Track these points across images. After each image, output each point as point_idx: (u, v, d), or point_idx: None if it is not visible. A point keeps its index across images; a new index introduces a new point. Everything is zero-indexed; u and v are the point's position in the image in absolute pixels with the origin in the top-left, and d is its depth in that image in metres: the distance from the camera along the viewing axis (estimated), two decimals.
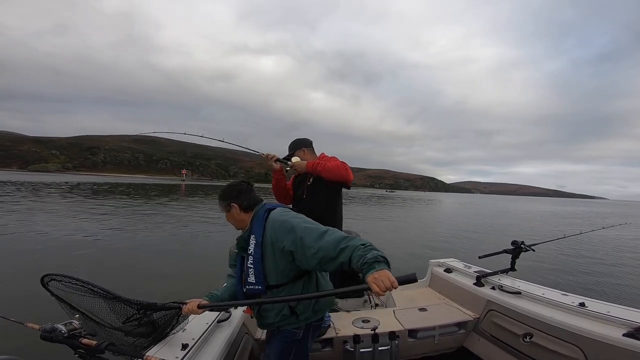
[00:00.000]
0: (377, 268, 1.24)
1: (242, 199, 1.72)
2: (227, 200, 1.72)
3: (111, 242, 8.48)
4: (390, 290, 1.20)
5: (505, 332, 2.48)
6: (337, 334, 2.42)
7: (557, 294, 2.45)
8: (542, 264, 8.05)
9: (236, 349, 2.06)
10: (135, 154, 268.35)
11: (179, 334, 1.75)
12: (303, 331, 1.73)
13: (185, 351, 1.59)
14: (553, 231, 15.85)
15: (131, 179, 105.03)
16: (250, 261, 1.61)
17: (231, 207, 1.70)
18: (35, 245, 7.57)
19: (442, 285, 3.26)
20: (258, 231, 1.62)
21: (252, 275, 1.60)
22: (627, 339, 1.80)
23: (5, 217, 11.29)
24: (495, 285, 2.77)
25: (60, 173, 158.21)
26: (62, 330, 1.32)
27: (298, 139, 2.70)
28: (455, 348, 2.75)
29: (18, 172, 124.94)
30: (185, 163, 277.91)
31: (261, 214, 1.66)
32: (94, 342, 1.28)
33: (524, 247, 2.78)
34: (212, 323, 1.94)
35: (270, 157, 2.56)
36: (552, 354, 2.13)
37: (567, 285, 6.47)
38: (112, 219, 12.46)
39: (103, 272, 5.91)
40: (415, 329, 2.55)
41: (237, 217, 1.72)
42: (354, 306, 3.19)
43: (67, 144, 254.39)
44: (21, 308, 4.02)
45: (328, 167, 2.36)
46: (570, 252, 10.00)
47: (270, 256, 1.58)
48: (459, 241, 11.75)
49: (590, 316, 2.08)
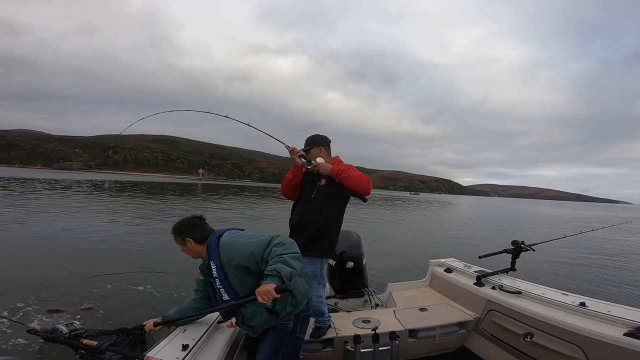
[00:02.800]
0: (267, 281, 1.57)
1: (197, 234, 1.88)
2: (182, 235, 1.88)
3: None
4: (268, 302, 1.56)
5: (506, 331, 2.47)
6: (337, 334, 2.44)
7: (558, 293, 2.42)
8: (543, 264, 7.98)
9: (235, 349, 2.10)
10: (154, 153, 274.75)
11: (179, 334, 1.81)
12: (292, 322, 1.91)
13: (186, 352, 1.63)
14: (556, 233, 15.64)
15: (150, 177, 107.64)
16: (218, 283, 1.81)
17: (186, 242, 1.87)
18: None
19: (442, 285, 3.25)
20: (214, 257, 1.81)
21: (225, 294, 1.81)
22: (627, 338, 1.79)
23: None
24: (495, 285, 2.76)
25: (84, 171, 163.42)
26: (63, 331, 1.34)
27: (318, 135, 2.64)
28: (456, 348, 2.75)
29: (43, 169, 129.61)
30: (202, 163, 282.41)
31: (213, 242, 1.85)
32: (94, 343, 1.32)
33: (524, 247, 2.76)
34: (212, 324, 2.00)
35: (297, 152, 2.49)
36: (552, 353, 2.12)
37: (568, 284, 6.40)
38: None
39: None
40: (415, 329, 2.56)
41: (193, 249, 1.89)
42: (354, 306, 3.21)
43: (90, 142, 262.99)
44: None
45: (353, 176, 2.33)
46: (571, 251, 9.92)
47: (231, 274, 1.78)
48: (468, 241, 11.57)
49: (590, 316, 2.07)
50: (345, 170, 2.36)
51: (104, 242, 7.99)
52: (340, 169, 2.36)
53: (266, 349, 1.87)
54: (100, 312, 3.99)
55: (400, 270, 7.09)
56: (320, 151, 2.55)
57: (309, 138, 2.62)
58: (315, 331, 2.44)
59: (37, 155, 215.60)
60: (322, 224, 2.40)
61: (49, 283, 4.82)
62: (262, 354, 1.88)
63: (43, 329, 1.37)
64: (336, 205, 2.49)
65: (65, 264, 5.89)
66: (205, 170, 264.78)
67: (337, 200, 2.48)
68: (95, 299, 4.36)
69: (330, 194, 2.44)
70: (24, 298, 4.23)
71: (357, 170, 2.40)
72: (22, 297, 4.27)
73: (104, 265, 5.98)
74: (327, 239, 2.46)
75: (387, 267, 7.14)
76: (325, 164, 2.41)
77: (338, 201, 2.49)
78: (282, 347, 1.89)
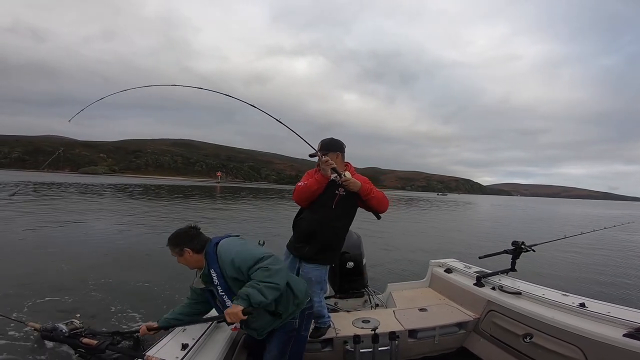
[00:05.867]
0: (235, 302, 1.67)
1: (194, 243, 1.88)
2: (179, 246, 1.88)
3: None
4: (236, 322, 1.68)
5: (506, 332, 2.45)
6: (337, 334, 2.45)
7: (558, 294, 2.41)
8: (543, 265, 7.89)
9: (235, 348, 2.13)
10: (174, 157, 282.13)
11: (179, 334, 1.85)
12: (298, 320, 1.93)
13: (185, 351, 1.66)
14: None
15: (171, 181, 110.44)
16: (220, 290, 1.82)
17: (184, 252, 1.87)
18: None
19: (442, 286, 3.24)
20: (214, 265, 1.82)
21: (227, 300, 1.81)
22: (627, 339, 1.79)
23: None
24: (495, 285, 2.73)
25: (109, 175, 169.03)
26: (63, 330, 1.37)
27: (335, 139, 2.52)
28: (456, 348, 2.74)
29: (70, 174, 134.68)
30: (220, 165, 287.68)
31: (211, 250, 1.86)
32: (94, 342, 1.35)
33: (524, 248, 2.73)
34: (211, 323, 2.03)
35: (330, 164, 2.29)
36: (552, 354, 2.11)
37: (568, 285, 6.25)
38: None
39: None
40: (415, 329, 2.56)
41: (191, 259, 1.89)
42: (354, 306, 3.22)
43: (114, 147, 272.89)
44: None
45: (379, 197, 2.35)
46: (571, 252, 9.80)
47: (232, 282, 1.80)
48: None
49: (590, 316, 2.06)
50: (373, 190, 2.36)
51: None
52: (369, 188, 2.34)
53: (273, 348, 1.88)
54: (100, 313, 3.98)
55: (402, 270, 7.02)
56: (337, 157, 2.42)
57: (325, 142, 2.48)
58: (315, 331, 2.46)
59: (64, 160, 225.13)
60: (336, 234, 2.43)
61: (58, 284, 4.83)
62: (269, 354, 1.89)
63: (43, 328, 1.39)
64: (351, 217, 2.49)
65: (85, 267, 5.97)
66: (223, 172, 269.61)
67: (352, 212, 2.48)
68: (99, 300, 4.38)
69: (349, 207, 2.43)
70: (26, 297, 4.23)
71: (378, 191, 2.39)
72: (22, 296, 4.26)
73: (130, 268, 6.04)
74: (337, 249, 2.50)
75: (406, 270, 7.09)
76: (354, 180, 2.31)
77: (353, 213, 2.49)
78: (289, 347, 1.91)
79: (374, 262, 7.36)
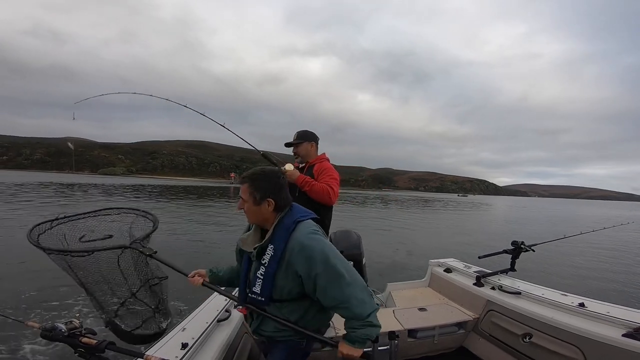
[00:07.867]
0: (356, 346, 1.45)
1: (282, 197, 1.46)
2: (263, 191, 1.43)
3: None
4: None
5: (505, 332, 2.44)
6: (336, 334, 2.43)
7: (557, 294, 2.40)
8: (542, 264, 7.81)
9: (235, 348, 2.10)
10: (189, 158, 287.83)
11: (178, 333, 1.80)
12: (306, 342, 1.62)
13: (185, 350, 1.63)
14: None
15: (186, 182, 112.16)
16: (262, 271, 1.44)
17: (265, 202, 1.43)
18: None
19: (441, 285, 3.22)
20: (279, 244, 1.40)
21: (258, 286, 1.47)
22: (626, 339, 1.78)
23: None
24: (495, 285, 2.72)
25: (126, 176, 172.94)
26: (62, 329, 1.32)
27: (309, 131, 2.67)
28: (455, 348, 2.73)
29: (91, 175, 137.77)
30: (233, 167, 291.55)
31: (288, 225, 1.42)
32: (94, 341, 1.29)
33: (524, 247, 2.70)
34: (211, 322, 2.00)
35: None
36: (551, 354, 2.10)
37: (567, 285, 6.18)
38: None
39: None
40: (414, 329, 2.55)
41: (265, 214, 1.45)
42: None
43: (131, 149, 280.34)
44: None
45: (315, 189, 2.40)
46: (571, 252, 9.70)
47: (283, 273, 1.42)
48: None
49: (589, 316, 2.05)
50: (308, 183, 2.41)
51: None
52: (305, 181, 2.42)
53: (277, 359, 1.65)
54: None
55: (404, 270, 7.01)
56: (311, 146, 2.63)
57: (301, 132, 2.66)
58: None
59: (83, 161, 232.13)
60: None
61: (58, 284, 4.72)
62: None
63: (42, 327, 1.34)
64: (314, 208, 2.51)
65: None
66: (237, 174, 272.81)
67: (312, 205, 2.44)
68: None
69: (307, 200, 2.45)
70: (25, 297, 4.22)
71: (324, 180, 2.44)
72: (22, 296, 4.24)
73: None
74: None
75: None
76: (292, 171, 2.46)
77: (314, 206, 2.44)
78: (294, 359, 1.66)
79: (377, 261, 7.42)
